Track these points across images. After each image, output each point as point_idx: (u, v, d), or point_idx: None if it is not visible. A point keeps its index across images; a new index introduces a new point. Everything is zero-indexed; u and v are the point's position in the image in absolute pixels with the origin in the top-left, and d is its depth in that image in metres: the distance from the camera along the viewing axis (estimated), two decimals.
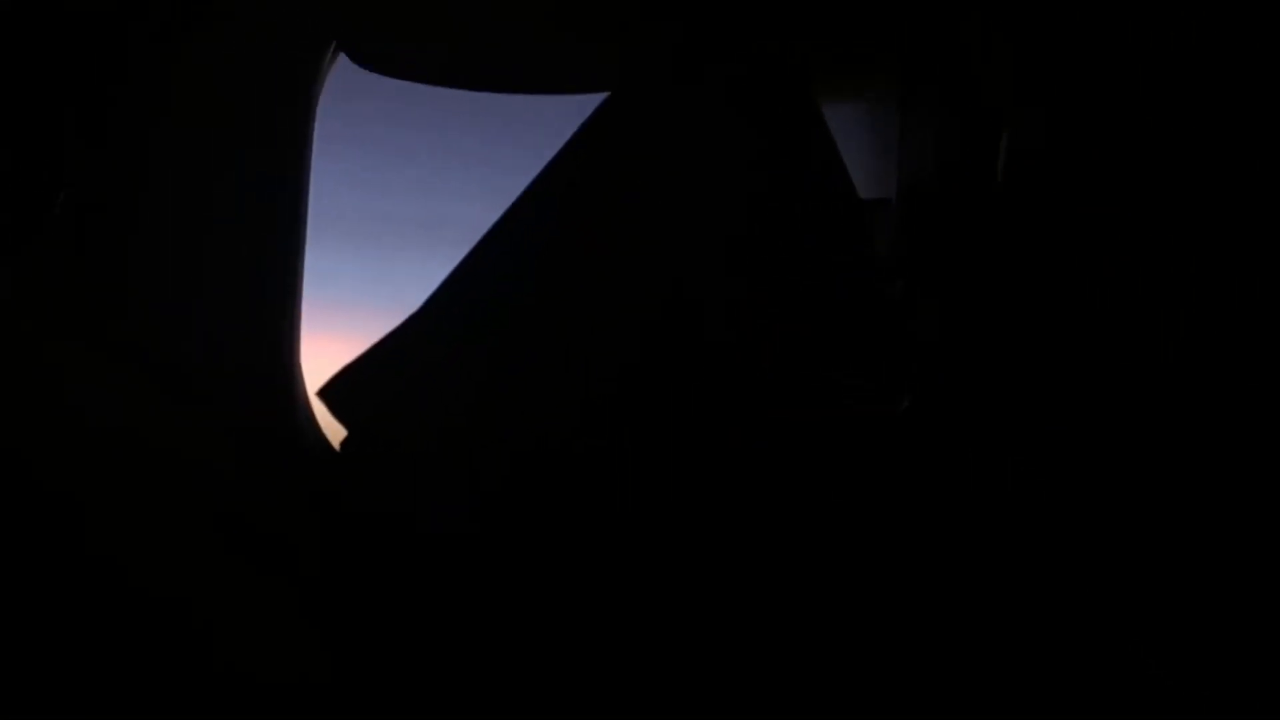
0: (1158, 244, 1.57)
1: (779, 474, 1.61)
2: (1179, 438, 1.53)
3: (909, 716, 1.52)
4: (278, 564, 1.57)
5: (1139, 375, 1.57)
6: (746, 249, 1.67)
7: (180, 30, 1.62)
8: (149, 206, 1.64)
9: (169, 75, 1.64)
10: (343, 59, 1.71)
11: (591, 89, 1.72)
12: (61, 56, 1.57)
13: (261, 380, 1.67)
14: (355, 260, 1.95)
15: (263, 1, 1.64)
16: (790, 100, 1.72)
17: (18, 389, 1.47)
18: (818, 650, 1.55)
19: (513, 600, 1.58)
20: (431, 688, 1.55)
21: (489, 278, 1.68)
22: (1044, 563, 1.56)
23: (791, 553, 1.59)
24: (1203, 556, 1.50)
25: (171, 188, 1.65)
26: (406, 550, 1.61)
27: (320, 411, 1.69)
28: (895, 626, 1.56)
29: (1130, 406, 1.56)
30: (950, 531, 1.59)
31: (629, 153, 1.68)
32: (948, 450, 1.63)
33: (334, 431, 1.69)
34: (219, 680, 1.45)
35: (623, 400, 1.62)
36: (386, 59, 1.71)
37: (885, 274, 1.75)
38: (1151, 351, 1.57)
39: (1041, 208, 1.65)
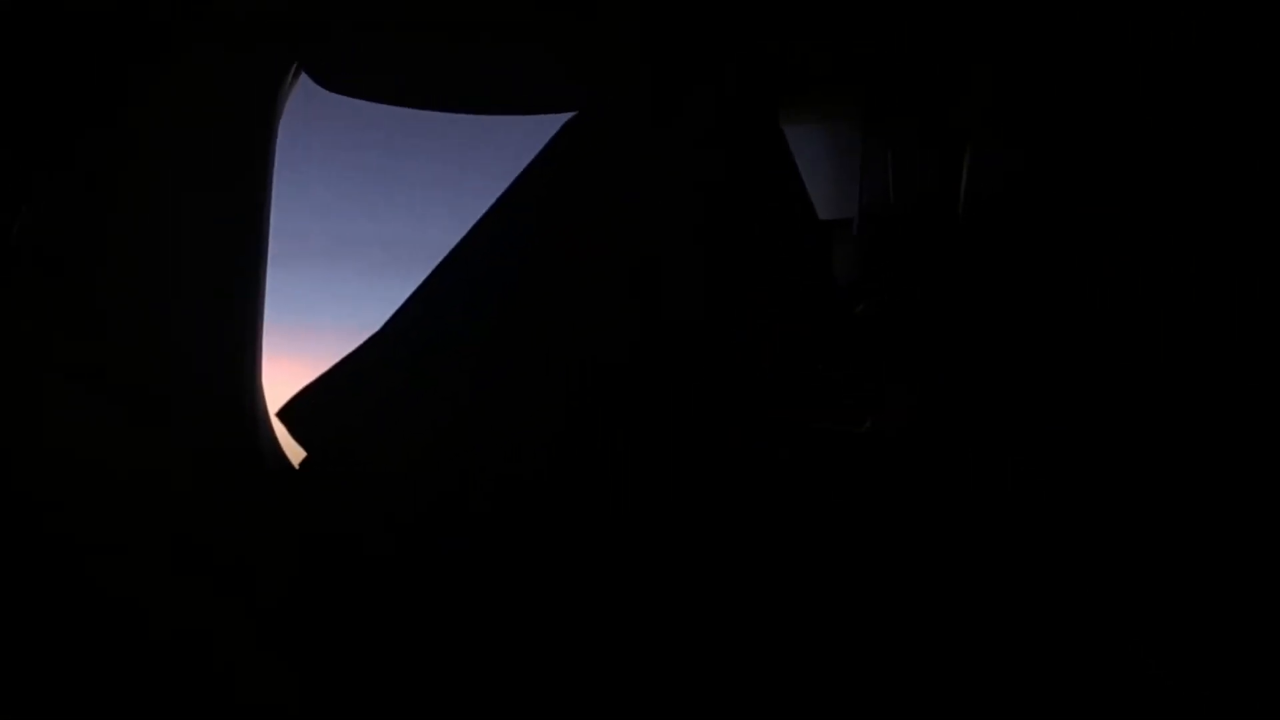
0: (1153, 247, 1.58)
1: (778, 474, 1.60)
2: (1179, 438, 1.53)
3: (909, 716, 1.51)
4: (238, 583, 1.54)
5: (1138, 375, 1.57)
6: (708, 265, 1.67)
7: (141, 53, 1.64)
8: (110, 230, 1.64)
9: (130, 99, 1.65)
10: (303, 80, 1.72)
11: (554, 109, 1.73)
12: (27, 78, 1.60)
13: (223, 401, 1.65)
14: (315, 282, 1.94)
15: (224, 23, 1.66)
16: (751, 121, 1.74)
17: None
18: (818, 650, 1.54)
19: (484, 614, 1.56)
20: (397, 705, 1.50)
21: (452, 298, 1.67)
22: (1044, 563, 1.55)
23: (791, 553, 1.58)
24: (1203, 556, 1.50)
25: (133, 211, 1.65)
26: (366, 569, 1.57)
27: (281, 432, 1.67)
28: (895, 626, 1.55)
29: (1130, 406, 1.56)
30: (950, 532, 1.59)
31: (593, 172, 1.69)
32: (948, 451, 1.63)
33: (295, 452, 1.66)
34: (180, 697, 1.41)
35: (609, 409, 1.61)
36: (348, 79, 1.72)
37: (844, 294, 1.75)
38: (1151, 352, 1.57)
39: (1011, 223, 1.67)
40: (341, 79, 1.72)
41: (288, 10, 1.68)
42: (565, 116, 1.71)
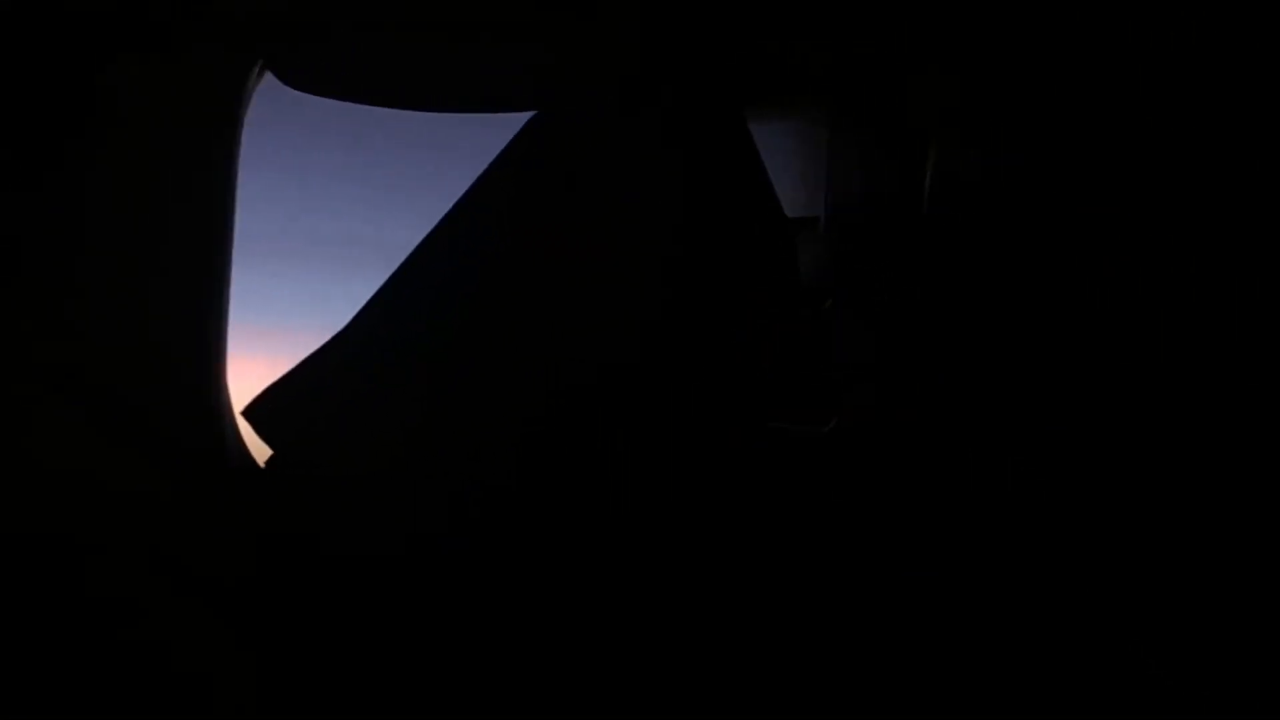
0: (1132, 242, 1.60)
1: (777, 475, 1.62)
2: (1178, 437, 1.55)
3: (909, 716, 1.53)
4: (203, 583, 1.55)
5: (1138, 375, 1.58)
6: (673, 266, 1.68)
7: (104, 54, 1.63)
8: (69, 229, 1.64)
9: (92, 100, 1.64)
10: (267, 78, 1.71)
11: (517, 108, 1.74)
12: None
13: (187, 398, 1.65)
14: (281, 282, 1.94)
15: (188, 20, 1.65)
16: (718, 120, 1.74)
17: None
18: (818, 650, 1.56)
19: (453, 614, 1.58)
20: (365, 703, 1.52)
21: (416, 298, 1.68)
22: (1044, 563, 1.57)
23: (790, 554, 1.60)
24: (1203, 556, 1.52)
25: (93, 211, 1.64)
26: (331, 569, 1.59)
27: (246, 431, 1.67)
28: (895, 626, 1.56)
29: (1129, 407, 1.58)
30: (950, 532, 1.61)
31: (555, 170, 1.69)
32: (948, 450, 1.64)
33: (260, 451, 1.67)
34: (149, 696, 1.43)
35: (585, 409, 1.62)
36: (313, 77, 1.72)
37: (810, 295, 1.76)
38: (1150, 351, 1.58)
39: (979, 219, 1.68)
40: (307, 77, 1.72)
41: (252, 8, 1.67)
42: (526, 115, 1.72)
